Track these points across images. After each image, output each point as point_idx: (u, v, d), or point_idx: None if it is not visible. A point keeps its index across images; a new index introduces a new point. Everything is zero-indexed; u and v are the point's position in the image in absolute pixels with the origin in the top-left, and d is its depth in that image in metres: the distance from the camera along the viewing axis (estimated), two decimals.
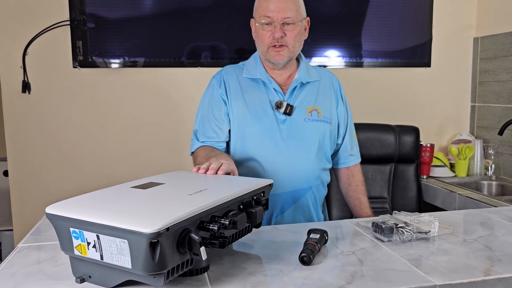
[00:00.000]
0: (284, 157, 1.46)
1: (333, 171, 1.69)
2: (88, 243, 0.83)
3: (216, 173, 1.15)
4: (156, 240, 0.76)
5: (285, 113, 1.47)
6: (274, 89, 1.49)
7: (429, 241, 1.14)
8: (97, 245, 0.82)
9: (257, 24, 1.47)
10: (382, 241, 1.14)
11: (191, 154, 1.53)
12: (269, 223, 1.49)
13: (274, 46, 1.43)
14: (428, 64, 2.77)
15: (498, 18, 2.65)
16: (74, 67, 2.35)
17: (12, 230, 2.51)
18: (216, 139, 1.49)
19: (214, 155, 1.34)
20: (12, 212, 2.37)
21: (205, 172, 1.15)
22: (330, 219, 1.99)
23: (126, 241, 0.78)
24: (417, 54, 2.75)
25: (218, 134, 1.49)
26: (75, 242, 0.85)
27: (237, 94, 1.50)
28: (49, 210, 0.86)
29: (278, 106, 1.47)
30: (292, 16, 1.42)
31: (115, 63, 2.39)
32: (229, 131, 1.51)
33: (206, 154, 1.38)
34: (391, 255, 1.05)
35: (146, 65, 2.42)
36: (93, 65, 2.36)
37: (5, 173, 2.94)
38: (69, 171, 2.39)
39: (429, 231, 1.16)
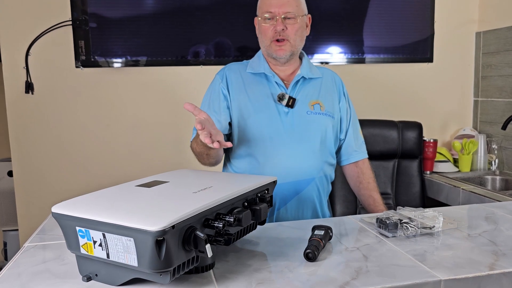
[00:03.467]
0: (286, 148, 1.47)
1: (342, 170, 1.70)
2: (94, 242, 0.83)
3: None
4: (162, 238, 0.76)
5: (287, 105, 1.50)
6: (276, 82, 1.53)
7: (434, 236, 1.14)
8: (103, 244, 0.82)
9: (260, 20, 1.52)
10: (387, 236, 1.14)
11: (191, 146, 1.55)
12: (272, 215, 1.50)
13: (277, 40, 1.48)
14: (430, 59, 2.76)
15: (500, 12, 2.64)
16: (76, 67, 2.35)
17: (17, 230, 2.52)
18: None
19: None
20: (17, 212, 2.39)
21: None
22: (334, 216, 2.00)
23: (132, 239, 0.78)
24: (419, 50, 2.74)
25: (216, 125, 1.50)
26: (82, 241, 0.85)
27: (239, 87, 1.53)
28: (55, 209, 0.87)
29: (281, 98, 1.50)
30: (293, 10, 1.48)
31: (117, 62, 2.40)
32: (230, 124, 1.53)
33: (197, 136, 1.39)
34: (396, 251, 1.05)
35: (148, 64, 2.43)
36: (96, 64, 2.37)
37: (9, 174, 2.95)
38: (73, 171, 2.40)
39: (434, 226, 1.16)
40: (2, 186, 2.89)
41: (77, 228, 0.85)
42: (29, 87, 2.30)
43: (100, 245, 0.83)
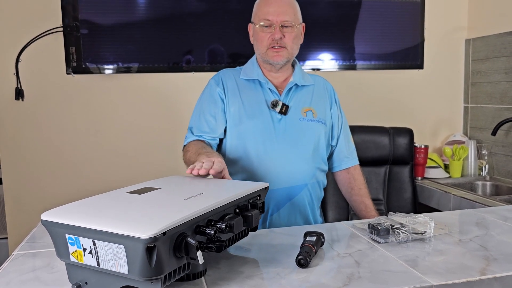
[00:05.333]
0: (279, 155, 1.48)
1: (333, 176, 1.70)
2: (84, 249, 0.82)
3: (209, 173, 1.15)
4: (152, 245, 0.76)
5: (280, 112, 1.50)
6: (270, 89, 1.54)
7: (425, 242, 1.14)
8: (93, 251, 0.81)
9: (257, 27, 1.51)
10: (379, 242, 1.14)
11: (183, 149, 1.54)
12: (265, 221, 1.49)
13: (273, 47, 1.49)
14: (421, 66, 2.79)
15: (489, 19, 2.68)
16: (67, 73, 2.34)
17: (6, 238, 2.49)
18: (210, 134, 1.51)
19: (204, 152, 1.34)
20: (7, 219, 2.36)
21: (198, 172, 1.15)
22: (326, 222, 2.00)
23: (122, 246, 0.77)
24: (410, 56, 2.77)
25: (212, 129, 1.52)
26: (71, 249, 0.84)
27: (234, 93, 1.54)
28: (45, 217, 0.86)
29: (274, 105, 1.50)
30: (290, 19, 1.49)
31: (108, 69, 2.39)
32: (225, 129, 1.53)
33: (196, 150, 1.39)
34: (388, 257, 1.05)
35: (140, 70, 2.42)
36: (87, 71, 2.36)
37: None
38: (64, 178, 2.38)
39: (425, 232, 1.17)
40: None
41: (67, 236, 0.84)
42: (19, 94, 2.29)
43: (90, 252, 0.82)
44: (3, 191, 2.37)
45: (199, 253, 0.81)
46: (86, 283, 0.87)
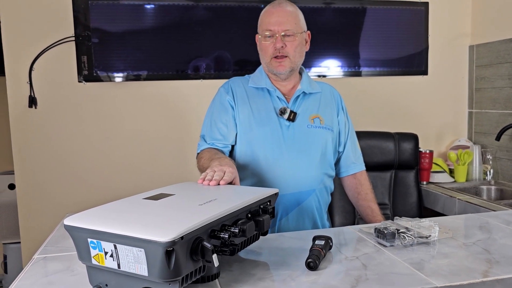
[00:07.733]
0: (288, 161, 1.52)
1: (340, 181, 1.74)
2: (106, 253, 0.87)
3: (219, 184, 1.19)
4: (171, 249, 0.80)
5: (288, 119, 1.54)
6: (278, 97, 1.58)
7: (430, 245, 1.18)
8: (114, 255, 0.86)
9: (260, 37, 1.57)
10: (385, 246, 1.17)
11: (196, 156, 1.59)
12: (274, 226, 1.53)
13: (276, 57, 1.53)
14: (425, 72, 2.82)
15: (493, 26, 2.71)
16: (79, 81, 2.40)
17: (17, 243, 2.54)
18: (223, 142, 1.56)
19: (217, 157, 1.38)
20: (20, 225, 2.41)
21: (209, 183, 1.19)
22: (332, 226, 2.04)
23: (142, 250, 0.82)
24: (414, 63, 2.80)
25: (225, 136, 1.56)
26: (93, 252, 0.89)
27: (243, 101, 1.58)
28: (68, 222, 0.90)
29: (282, 112, 1.54)
30: (292, 28, 1.52)
31: (119, 77, 2.44)
32: (236, 135, 1.57)
33: (210, 157, 1.43)
34: (394, 259, 1.08)
35: (149, 78, 2.47)
36: (98, 79, 2.41)
37: (10, 186, 2.97)
38: (75, 184, 2.43)
39: (430, 236, 1.20)
40: (3, 199, 2.91)
41: (89, 240, 0.88)
42: (32, 102, 2.34)
43: (111, 256, 0.86)
44: (14, 196, 2.42)
45: (214, 256, 0.85)
46: (106, 285, 0.91)
